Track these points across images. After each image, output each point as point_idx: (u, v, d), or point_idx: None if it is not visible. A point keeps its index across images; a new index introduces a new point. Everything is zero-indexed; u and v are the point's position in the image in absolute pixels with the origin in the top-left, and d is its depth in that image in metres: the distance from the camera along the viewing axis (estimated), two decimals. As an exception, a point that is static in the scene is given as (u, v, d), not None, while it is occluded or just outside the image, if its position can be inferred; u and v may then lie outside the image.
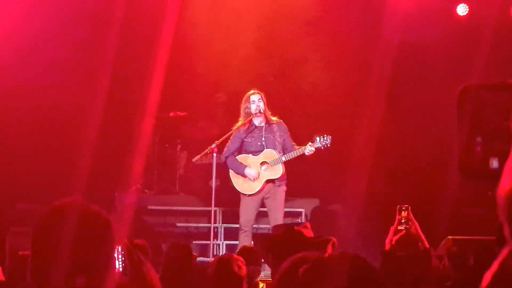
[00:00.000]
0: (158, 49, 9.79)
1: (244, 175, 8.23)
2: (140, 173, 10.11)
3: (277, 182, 8.31)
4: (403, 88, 10.14)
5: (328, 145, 8.15)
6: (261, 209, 8.51)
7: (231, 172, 8.41)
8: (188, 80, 10.55)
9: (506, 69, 9.22)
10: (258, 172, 8.21)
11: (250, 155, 8.36)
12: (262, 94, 8.36)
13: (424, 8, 10.15)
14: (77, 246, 2.21)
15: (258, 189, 8.33)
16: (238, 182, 8.43)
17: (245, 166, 8.26)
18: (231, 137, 8.36)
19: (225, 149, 8.39)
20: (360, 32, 9.97)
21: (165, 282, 5.56)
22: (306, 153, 8.09)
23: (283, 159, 8.24)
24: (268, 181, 8.34)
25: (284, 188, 8.36)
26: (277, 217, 8.19)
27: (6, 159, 10.12)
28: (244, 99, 8.37)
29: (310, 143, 8.09)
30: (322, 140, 8.14)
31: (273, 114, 8.37)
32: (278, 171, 8.24)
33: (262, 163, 8.35)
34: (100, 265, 2.29)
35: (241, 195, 8.38)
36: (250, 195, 8.40)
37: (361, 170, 9.80)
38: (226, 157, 8.36)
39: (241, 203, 8.38)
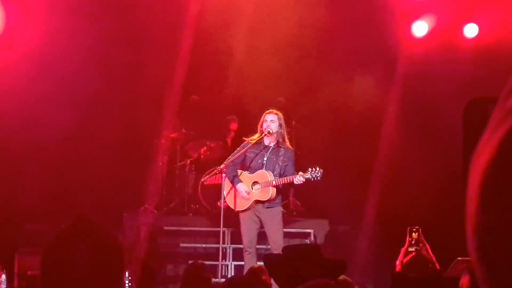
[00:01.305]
0: (174, 73, 10.06)
1: (235, 188, 8.37)
2: (150, 193, 10.22)
3: (266, 204, 8.38)
4: (414, 109, 10.28)
5: (319, 178, 8.14)
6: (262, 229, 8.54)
7: (226, 182, 8.49)
8: (199, 103, 10.71)
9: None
10: (248, 191, 8.31)
11: (245, 172, 8.47)
12: (279, 115, 8.42)
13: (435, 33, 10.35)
14: (88, 268, 2.19)
15: (246, 207, 8.42)
16: (229, 195, 8.54)
17: (239, 181, 8.37)
18: (239, 151, 8.44)
19: (231, 165, 8.47)
20: (373, 57, 10.29)
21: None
22: (295, 182, 8.14)
23: (274, 182, 8.29)
24: (257, 201, 8.42)
25: (279, 209, 8.45)
26: (276, 239, 8.27)
27: (14, 180, 10.18)
28: (263, 116, 8.47)
29: (301, 173, 8.11)
30: (312, 172, 8.15)
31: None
32: (267, 194, 8.33)
33: (254, 183, 8.43)
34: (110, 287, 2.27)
35: (240, 216, 8.46)
36: (240, 211, 8.46)
37: (371, 190, 9.89)
38: (227, 165, 8.42)
39: (241, 224, 8.48)
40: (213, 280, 8.66)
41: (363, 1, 10.47)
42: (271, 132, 8.23)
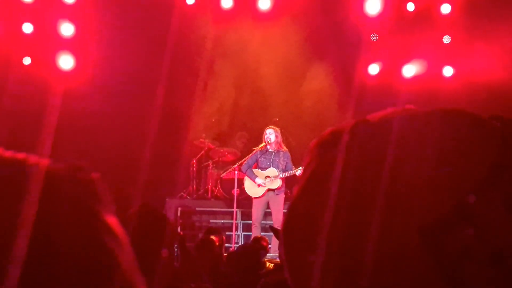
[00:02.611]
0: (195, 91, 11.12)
1: (254, 182, 9.95)
2: (184, 184, 11.42)
3: (276, 191, 9.98)
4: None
5: None
6: (268, 210, 10.17)
7: (246, 180, 10.02)
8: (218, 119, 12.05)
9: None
10: (264, 181, 9.88)
11: (260, 170, 10.07)
12: (275, 129, 10.00)
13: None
14: (148, 238, 2.62)
15: (260, 194, 9.95)
16: (248, 187, 10.04)
17: (256, 176, 9.97)
18: (251, 156, 10.07)
19: (245, 164, 10.14)
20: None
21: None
22: (297, 174, 9.77)
23: (281, 175, 9.93)
24: (268, 190, 9.97)
25: (283, 195, 10.07)
26: (278, 218, 9.69)
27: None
28: (265, 130, 10.08)
29: (300, 167, 9.53)
30: None
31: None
32: (276, 184, 9.96)
33: (266, 177, 9.97)
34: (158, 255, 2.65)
35: (253, 200, 10.01)
36: (255, 197, 9.97)
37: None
38: (246, 170, 10.10)
39: (252, 205, 10.09)
40: (228, 245, 9.78)
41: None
42: (269, 141, 10.03)
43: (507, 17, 11.01)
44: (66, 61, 11.79)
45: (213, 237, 6.46)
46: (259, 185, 9.82)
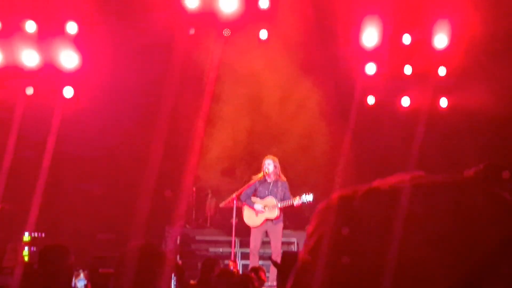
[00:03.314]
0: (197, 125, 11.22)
1: (253, 208, 10.02)
2: (183, 213, 11.42)
3: (274, 221, 10.05)
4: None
5: (311, 201, 9.66)
6: (266, 239, 10.26)
7: (245, 209, 10.10)
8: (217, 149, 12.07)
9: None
10: (262, 207, 9.92)
11: (258, 198, 10.18)
12: (274, 159, 10.13)
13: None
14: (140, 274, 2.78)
15: (259, 223, 10.04)
16: (247, 217, 10.11)
17: (255, 203, 10.10)
18: (249, 186, 10.17)
19: (243, 194, 10.23)
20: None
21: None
22: (294, 204, 9.96)
23: (279, 205, 10.02)
24: (267, 220, 10.07)
25: (281, 225, 10.18)
26: (276, 246, 9.87)
27: (86, 201, 11.34)
28: (263, 160, 10.23)
29: (297, 197, 9.89)
30: (304, 197, 9.72)
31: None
32: (274, 213, 10.06)
33: (265, 206, 10.04)
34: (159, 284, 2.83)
35: (251, 229, 10.10)
36: (253, 227, 10.06)
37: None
38: (245, 199, 10.22)
39: (251, 234, 10.18)
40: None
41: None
42: (268, 172, 10.16)
43: (503, 53, 11.24)
44: (68, 91, 12.02)
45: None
46: (257, 213, 9.91)
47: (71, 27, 11.85)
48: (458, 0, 11.15)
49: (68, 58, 11.75)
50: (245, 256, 10.99)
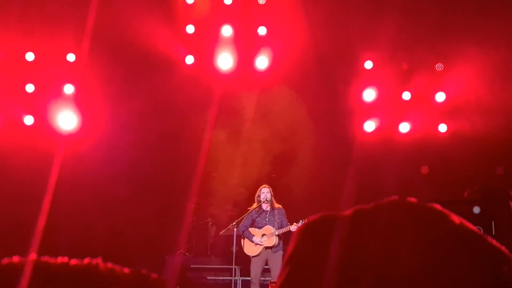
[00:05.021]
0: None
1: (252, 241, 9.95)
2: (183, 241, 11.38)
3: (273, 249, 9.92)
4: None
5: None
6: (266, 266, 10.13)
7: (244, 240, 10.04)
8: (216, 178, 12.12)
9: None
10: (261, 241, 9.90)
11: (256, 228, 10.03)
12: (270, 188, 10.07)
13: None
14: None
15: (258, 252, 9.94)
16: (246, 246, 10.03)
17: (253, 235, 9.95)
18: (246, 216, 10.11)
19: (241, 225, 10.12)
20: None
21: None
22: (292, 230, 9.77)
23: (277, 233, 9.90)
24: (266, 248, 9.96)
25: (281, 253, 9.93)
26: (277, 275, 8.86)
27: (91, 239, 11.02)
28: (258, 189, 10.12)
29: (295, 223, 9.79)
30: (301, 223, 9.18)
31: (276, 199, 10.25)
32: (272, 241, 9.95)
33: (263, 235, 9.97)
34: None
35: (251, 257, 10.00)
36: (253, 256, 9.95)
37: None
38: (243, 231, 10.11)
39: (251, 263, 10.06)
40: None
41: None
42: (267, 200, 10.06)
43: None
44: (68, 122, 11.97)
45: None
46: (256, 244, 9.91)
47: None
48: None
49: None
50: (245, 284, 10.95)
